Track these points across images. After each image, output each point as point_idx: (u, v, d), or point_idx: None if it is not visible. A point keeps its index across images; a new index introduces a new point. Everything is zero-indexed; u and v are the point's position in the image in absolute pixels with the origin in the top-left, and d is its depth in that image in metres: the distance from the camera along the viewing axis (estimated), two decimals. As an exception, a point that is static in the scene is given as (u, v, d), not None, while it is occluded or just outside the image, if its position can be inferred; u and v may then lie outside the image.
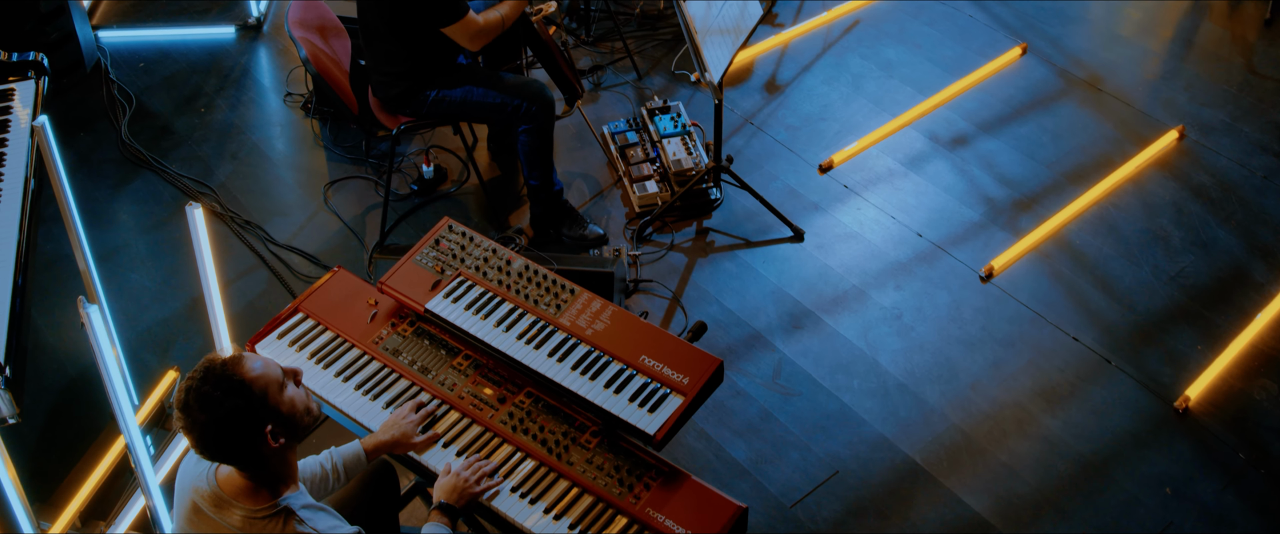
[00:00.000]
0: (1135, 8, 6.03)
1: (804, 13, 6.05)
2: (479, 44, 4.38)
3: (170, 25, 6.05)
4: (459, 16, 4.26)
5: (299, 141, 5.42)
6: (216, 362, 2.57)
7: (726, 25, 4.40)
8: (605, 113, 5.49)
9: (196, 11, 6.16)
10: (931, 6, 6.05)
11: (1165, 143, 5.21)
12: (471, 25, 4.32)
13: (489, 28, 4.38)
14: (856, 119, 5.41)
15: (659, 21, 5.99)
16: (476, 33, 4.34)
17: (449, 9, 4.23)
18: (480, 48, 4.42)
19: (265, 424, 2.56)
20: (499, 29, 4.42)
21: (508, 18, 4.45)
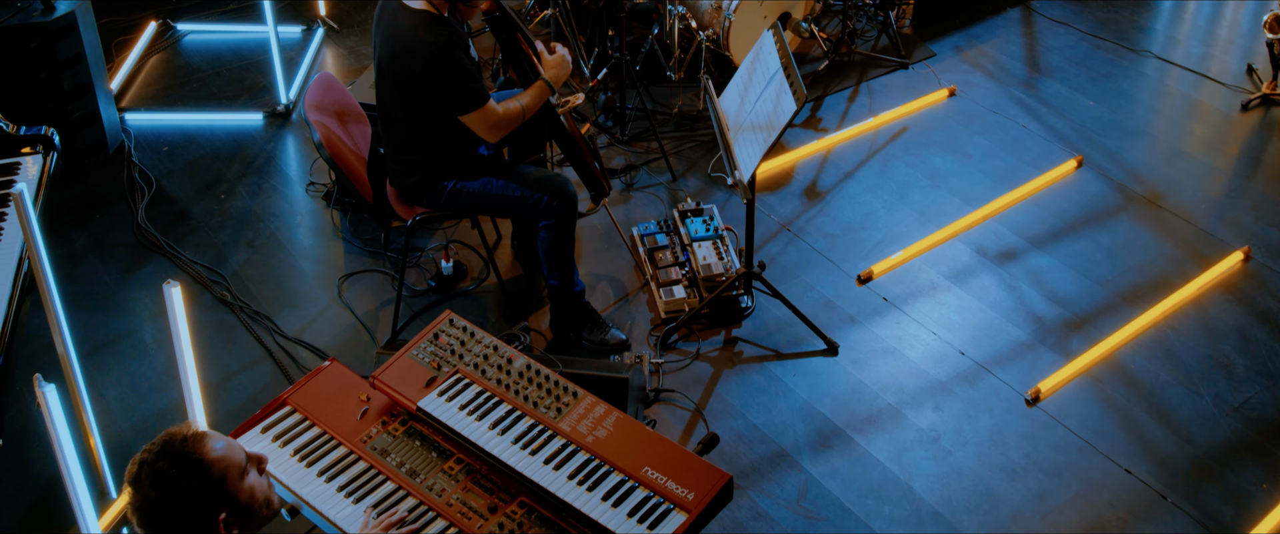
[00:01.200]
0: (1200, 123, 5.88)
1: (849, 117, 5.96)
2: (497, 135, 4.32)
3: (198, 110, 6.09)
4: (477, 105, 4.20)
5: (318, 232, 5.36)
6: (177, 436, 2.44)
7: (759, 121, 4.30)
8: (636, 214, 5.39)
9: (226, 97, 6.19)
10: (983, 116, 5.94)
11: (1229, 264, 5.01)
12: (490, 115, 4.26)
13: (508, 118, 4.31)
14: (899, 229, 5.27)
15: (697, 122, 5.92)
16: (495, 123, 4.28)
17: (468, 97, 4.18)
18: (499, 139, 4.35)
19: (220, 510, 2.42)
20: (518, 120, 4.35)
21: (528, 108, 4.39)
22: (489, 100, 4.24)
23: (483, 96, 4.22)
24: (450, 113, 4.21)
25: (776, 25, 4.40)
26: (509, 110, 4.32)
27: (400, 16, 4.18)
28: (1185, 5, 6.96)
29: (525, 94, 4.41)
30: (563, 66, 4.52)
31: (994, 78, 6.23)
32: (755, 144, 4.29)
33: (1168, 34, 6.61)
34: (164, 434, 2.46)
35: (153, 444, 2.44)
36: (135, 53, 6.44)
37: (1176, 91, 6.15)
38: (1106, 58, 6.40)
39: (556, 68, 4.48)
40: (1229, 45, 6.51)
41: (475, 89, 4.20)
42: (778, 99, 4.26)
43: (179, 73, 6.41)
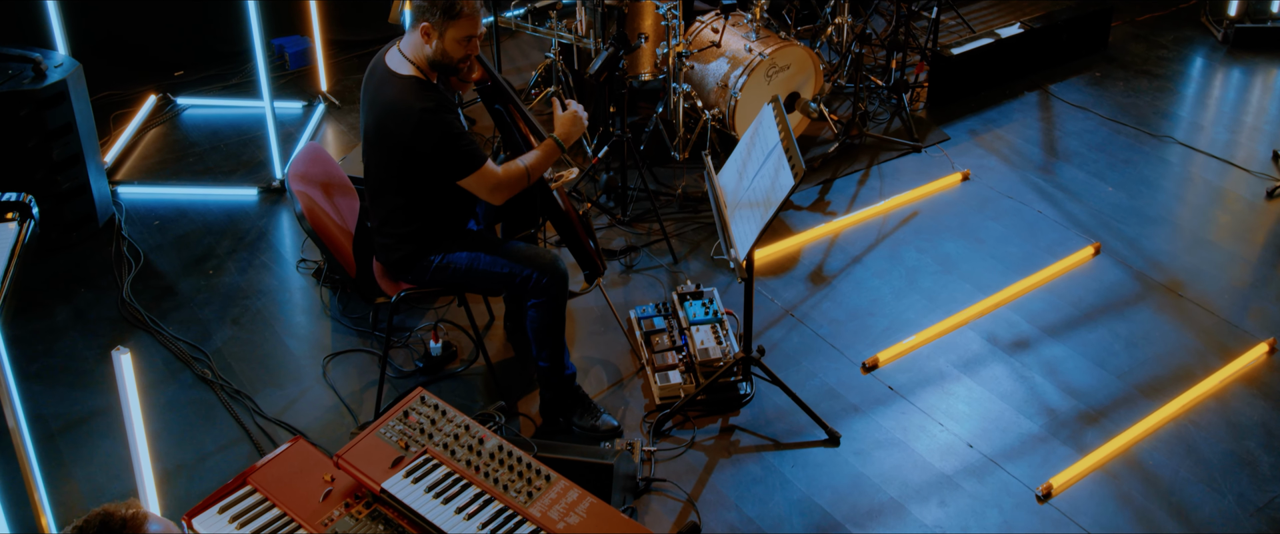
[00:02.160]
0: (1224, 211, 5.77)
1: (859, 201, 5.88)
2: (501, 197, 4.24)
3: (192, 184, 6.07)
4: (475, 166, 4.13)
5: (306, 310, 5.29)
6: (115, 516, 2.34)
7: (756, 198, 4.22)
8: (635, 297, 5.30)
9: (222, 172, 6.18)
10: (998, 201, 5.85)
11: (1254, 357, 4.86)
12: (490, 176, 4.18)
13: (511, 179, 4.24)
14: (908, 316, 5.15)
15: (701, 204, 5.85)
16: (497, 184, 4.21)
17: (464, 159, 4.11)
18: (503, 202, 4.27)
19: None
20: (523, 182, 4.27)
21: (534, 169, 4.30)
22: (486, 161, 4.17)
23: (479, 157, 4.16)
24: (448, 178, 4.15)
25: (776, 99, 4.34)
26: (511, 171, 4.25)
27: (387, 82, 4.14)
28: (1209, 91, 6.89)
29: (532, 154, 4.35)
30: (576, 124, 4.45)
31: (1009, 162, 6.15)
32: (752, 221, 4.20)
33: (1191, 120, 6.53)
34: (101, 509, 2.36)
35: (90, 517, 2.33)
36: (133, 126, 6.45)
37: (1199, 178, 6.05)
38: (1126, 143, 6.32)
39: (569, 125, 4.42)
40: (1255, 132, 6.42)
41: (470, 150, 4.14)
42: (776, 174, 4.18)
43: (176, 147, 6.41)
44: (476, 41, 4.19)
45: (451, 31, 4.08)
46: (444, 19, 4.05)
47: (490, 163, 4.19)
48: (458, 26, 4.08)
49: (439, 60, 4.13)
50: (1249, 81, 6.95)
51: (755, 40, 5.83)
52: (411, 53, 4.15)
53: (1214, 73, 7.06)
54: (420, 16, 4.08)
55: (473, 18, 4.10)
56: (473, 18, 4.10)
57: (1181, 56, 7.17)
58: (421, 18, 4.07)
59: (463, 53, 4.16)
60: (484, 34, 4.30)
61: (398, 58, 4.17)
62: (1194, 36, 7.38)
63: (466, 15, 4.08)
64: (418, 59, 4.14)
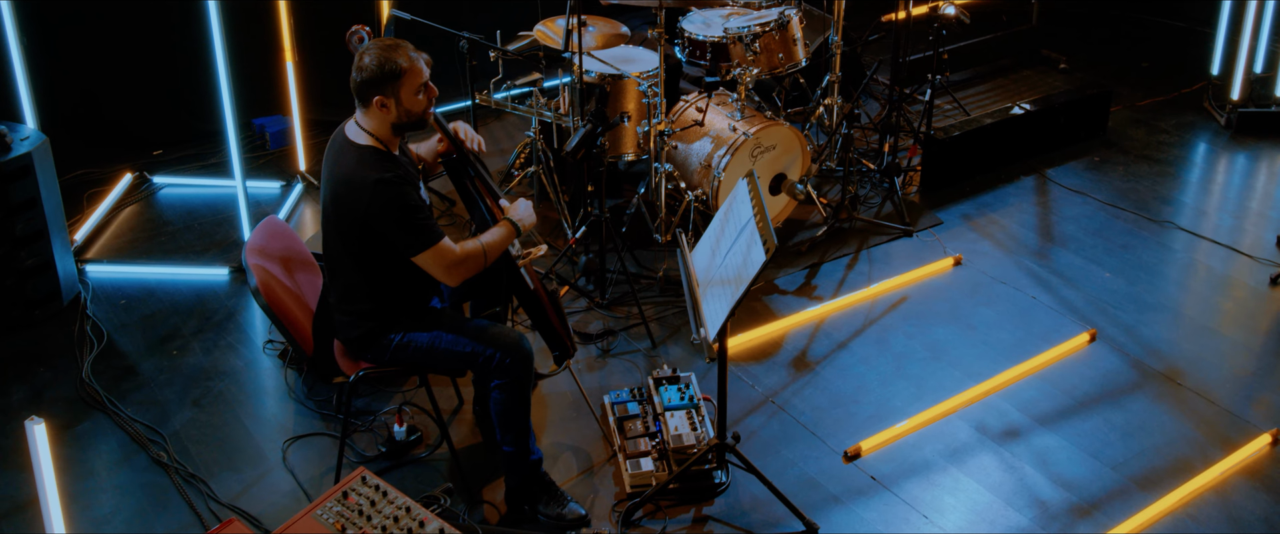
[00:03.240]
0: (1226, 297, 5.66)
1: (846, 286, 5.79)
2: (456, 277, 4.15)
3: (163, 263, 6.02)
4: (429, 243, 4.05)
5: (269, 392, 5.19)
6: None
7: (728, 275, 4.13)
8: (611, 382, 5.19)
9: (194, 251, 6.13)
10: (991, 286, 5.75)
11: (1255, 449, 4.72)
12: (447, 254, 4.10)
13: (468, 259, 4.15)
14: (894, 403, 5.02)
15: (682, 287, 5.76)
16: (453, 263, 4.12)
17: (418, 235, 4.04)
18: (460, 282, 4.18)
19: None
20: (480, 262, 4.19)
21: (490, 249, 4.22)
22: (442, 238, 4.09)
23: (435, 234, 4.08)
24: (402, 254, 4.07)
25: (751, 174, 4.28)
26: (468, 250, 4.16)
27: (345, 153, 4.10)
28: (1212, 176, 6.83)
29: (488, 233, 4.27)
30: (530, 213, 4.39)
31: (1003, 247, 6.06)
32: (723, 299, 4.11)
33: (1193, 205, 6.45)
34: None
35: None
36: (106, 204, 6.43)
37: (1201, 264, 5.95)
38: (1125, 228, 6.23)
39: (523, 213, 4.36)
40: (1259, 217, 6.33)
41: (426, 225, 4.06)
42: (748, 251, 4.10)
43: (149, 225, 6.38)
44: (432, 86, 4.15)
45: (404, 90, 4.05)
46: (391, 83, 4.02)
47: (447, 241, 4.11)
48: (406, 82, 4.05)
49: (404, 121, 4.10)
50: (1253, 166, 6.88)
51: (740, 119, 5.79)
52: (369, 125, 4.11)
53: (1217, 158, 7.00)
54: (369, 93, 4.04)
55: (413, 66, 4.06)
56: (413, 66, 4.06)
57: (1183, 141, 7.11)
58: (370, 93, 4.04)
59: (424, 103, 4.12)
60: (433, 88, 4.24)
61: (355, 129, 4.13)
62: (1197, 122, 7.33)
63: (407, 67, 4.04)
64: (376, 129, 4.10)
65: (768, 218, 4.05)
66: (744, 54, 5.93)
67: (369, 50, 4.03)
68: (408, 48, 4.07)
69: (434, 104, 4.20)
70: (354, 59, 4.07)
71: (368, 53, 4.03)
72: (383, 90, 4.02)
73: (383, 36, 5.37)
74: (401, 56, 4.04)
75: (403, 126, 4.12)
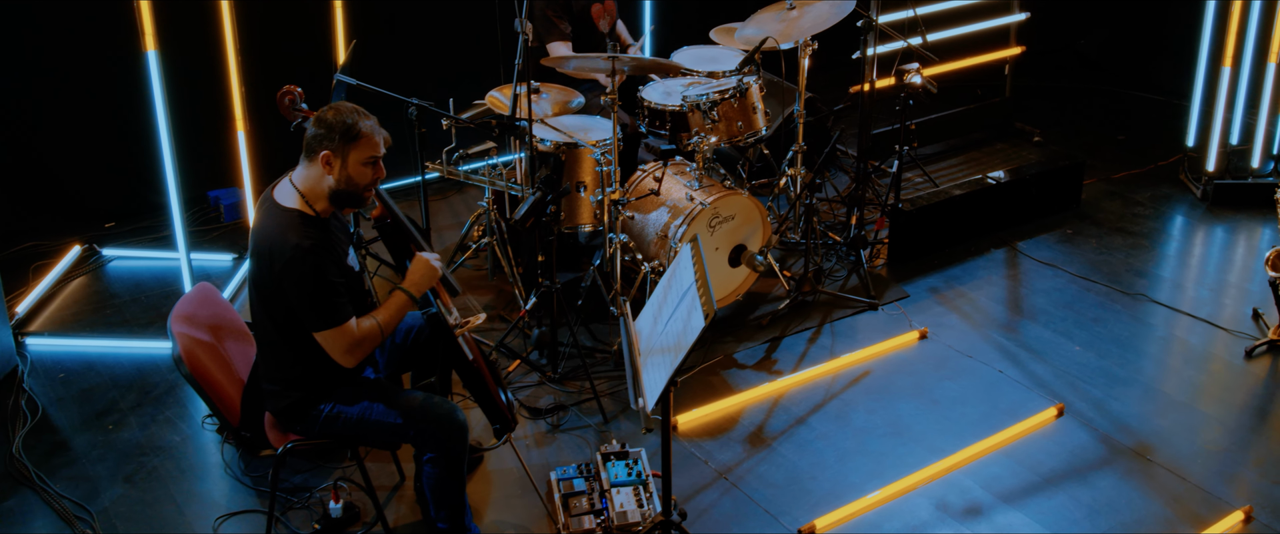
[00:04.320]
0: (1201, 371, 5.56)
1: (807, 360, 5.68)
2: (353, 360, 4.03)
3: (106, 336, 5.92)
4: (333, 323, 3.96)
5: (205, 468, 5.07)
6: None
7: (669, 342, 4.03)
8: (559, 458, 5.07)
9: (139, 324, 6.04)
10: (956, 360, 5.65)
11: (1229, 525, 4.61)
12: (347, 336, 3.99)
13: (366, 339, 4.04)
14: (852, 479, 4.90)
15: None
16: (352, 345, 4.01)
17: (322, 312, 3.94)
18: (355, 365, 4.06)
19: None
20: (377, 340, 4.09)
21: (386, 325, 4.11)
22: (348, 320, 3.99)
23: (341, 314, 3.97)
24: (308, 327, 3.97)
25: (695, 239, 4.20)
26: (365, 330, 4.05)
27: (270, 216, 4.03)
28: (1187, 248, 6.76)
29: (382, 308, 4.16)
30: (427, 273, 4.25)
31: (971, 320, 5.96)
32: (663, 368, 4.01)
33: (1167, 278, 6.36)
34: None
35: None
36: (51, 277, 6.35)
37: (1175, 337, 5.85)
38: (1097, 301, 6.13)
39: (420, 274, 4.23)
40: (1234, 290, 6.25)
41: (333, 304, 3.96)
42: (688, 317, 4.00)
43: (95, 298, 6.29)
44: (381, 164, 4.09)
45: (353, 155, 3.99)
46: (344, 143, 3.97)
47: (352, 323, 4.01)
48: (359, 149, 3.99)
49: (344, 188, 4.03)
50: (1229, 238, 6.81)
51: (698, 188, 5.73)
52: (304, 185, 4.04)
53: (1192, 230, 6.93)
54: (318, 145, 3.98)
55: (371, 137, 4.01)
56: (371, 137, 4.01)
57: (1158, 214, 7.04)
58: (319, 146, 3.98)
59: (369, 177, 4.06)
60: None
61: (287, 189, 4.06)
62: (1172, 194, 7.28)
63: (365, 135, 3.99)
64: (310, 191, 4.03)
65: (709, 284, 3.96)
66: (703, 122, 5.88)
67: (334, 108, 4.00)
68: (373, 119, 4.04)
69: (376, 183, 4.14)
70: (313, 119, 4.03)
71: (333, 110, 3.99)
72: (333, 146, 3.96)
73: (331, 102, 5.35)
74: (363, 123, 4.00)
75: (341, 195, 4.05)
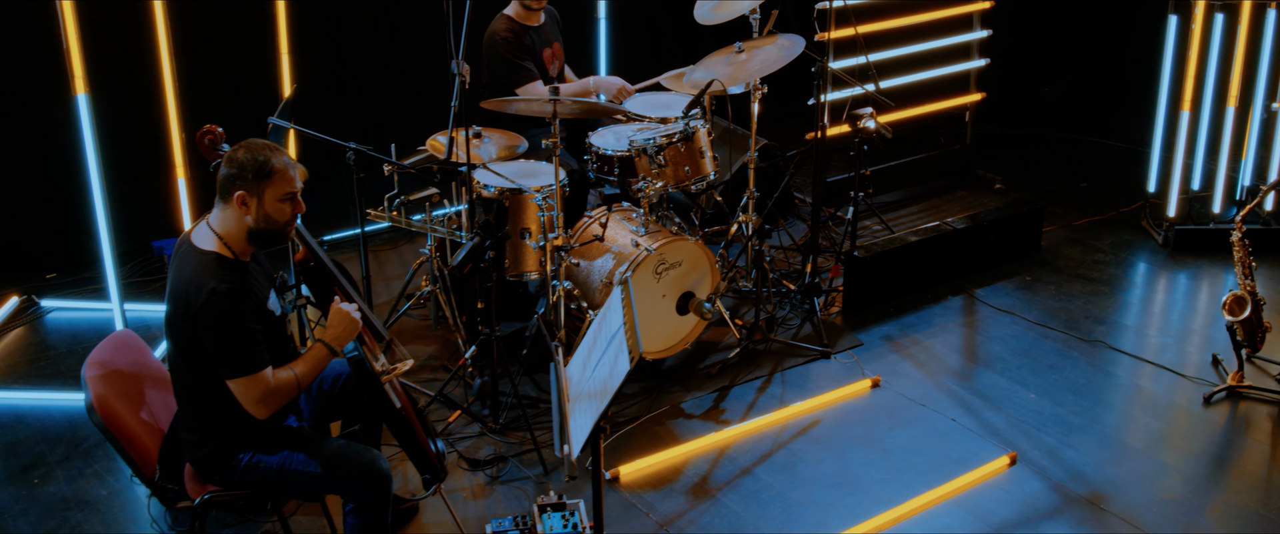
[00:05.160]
0: (1156, 418, 5.49)
1: (756, 409, 5.60)
2: (266, 410, 3.94)
3: (37, 389, 5.82)
4: (246, 371, 3.87)
5: (131, 523, 4.96)
6: None
7: (595, 387, 3.96)
8: (497, 510, 4.96)
9: (73, 377, 5.92)
10: (908, 409, 5.57)
11: (1179, 576, 4.50)
12: (261, 385, 3.90)
13: (280, 391, 3.95)
14: (798, 530, 4.80)
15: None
16: (265, 395, 3.92)
17: (237, 359, 3.86)
18: (267, 416, 3.97)
19: None
20: (292, 393, 4.00)
21: (304, 377, 4.02)
22: (264, 369, 3.91)
23: (255, 362, 3.89)
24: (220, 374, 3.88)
25: (625, 281, 4.13)
26: (280, 381, 3.96)
27: (187, 259, 3.96)
28: (1147, 294, 6.72)
29: (299, 361, 4.08)
30: (345, 325, 4.17)
31: (924, 368, 5.89)
32: (589, 413, 3.93)
33: (1126, 324, 6.30)
34: None
35: None
36: (-14, 329, 6.28)
37: (1132, 384, 5.78)
38: (1054, 348, 6.07)
39: (340, 326, 4.15)
40: (1194, 336, 6.19)
41: (248, 351, 3.88)
42: (615, 361, 3.93)
43: (31, 350, 6.19)
44: (300, 200, 4.03)
45: (269, 192, 3.93)
46: (258, 181, 3.91)
47: (268, 372, 3.93)
48: (274, 185, 3.93)
49: (262, 227, 3.97)
50: (1189, 284, 6.77)
51: (644, 234, 5.67)
52: (221, 227, 3.98)
53: (1153, 276, 6.89)
54: (232, 186, 3.92)
55: (285, 172, 3.95)
56: (285, 172, 3.95)
57: (1119, 260, 7.00)
58: (233, 187, 3.92)
59: (287, 214, 4.00)
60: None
61: (204, 232, 3.99)
62: (1134, 240, 7.24)
63: (279, 171, 3.93)
64: (228, 233, 3.97)
65: (636, 326, 3.90)
66: (650, 167, 5.84)
67: (245, 146, 3.94)
68: (286, 155, 3.99)
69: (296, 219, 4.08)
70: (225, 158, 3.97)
71: (243, 148, 3.93)
72: (248, 186, 3.90)
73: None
74: (276, 158, 3.94)
75: (260, 234, 3.99)
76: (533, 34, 6.23)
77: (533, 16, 6.23)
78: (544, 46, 6.29)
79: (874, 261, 6.41)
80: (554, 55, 6.36)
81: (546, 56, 6.29)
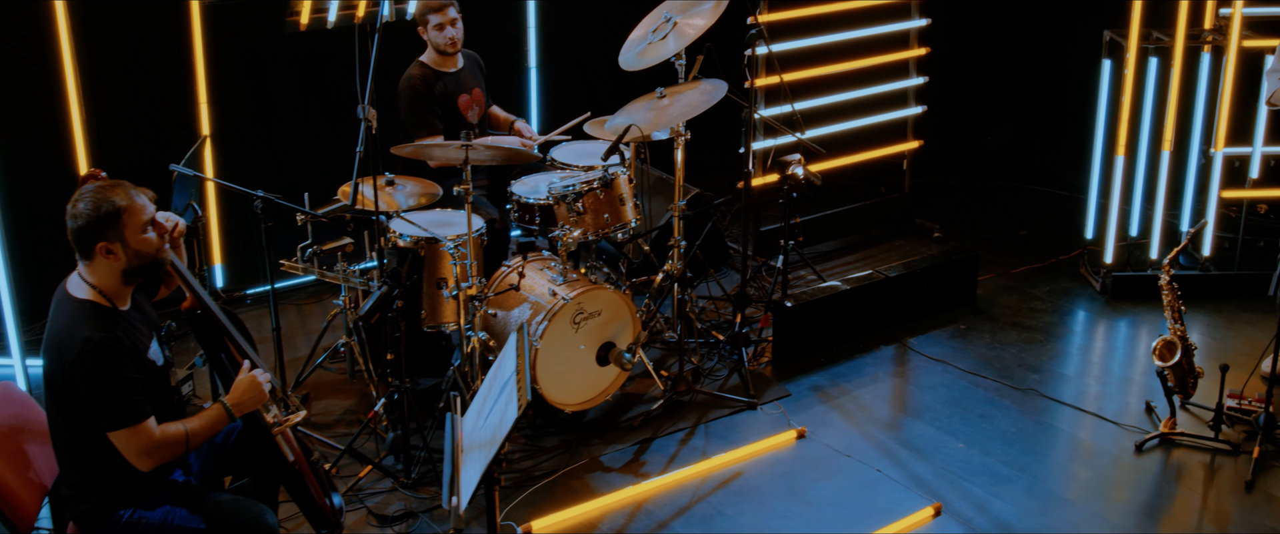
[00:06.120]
0: (1086, 467, 5.45)
1: (677, 461, 5.52)
2: (149, 463, 3.85)
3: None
4: (128, 422, 3.79)
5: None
6: None
7: (486, 437, 3.89)
8: (405, 568, 4.87)
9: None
10: (833, 460, 5.51)
11: (1100, 628, 4.43)
12: (145, 437, 3.82)
13: (167, 444, 3.87)
14: (712, 586, 4.72)
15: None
16: (148, 448, 3.83)
17: (117, 410, 3.78)
18: (151, 469, 3.88)
19: None
20: (179, 448, 3.91)
21: (195, 434, 3.94)
22: (146, 419, 3.82)
23: (135, 413, 3.81)
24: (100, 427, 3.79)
25: (522, 328, 4.08)
26: (168, 435, 3.88)
27: (62, 307, 3.90)
28: (1082, 342, 6.70)
29: (195, 418, 3.99)
30: (251, 392, 4.10)
31: (852, 419, 5.83)
32: (478, 464, 3.85)
33: (1059, 372, 6.26)
34: None
35: None
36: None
37: (1062, 432, 5.73)
38: (985, 397, 6.02)
39: (244, 392, 4.08)
40: (1127, 383, 6.17)
41: (128, 402, 3.80)
42: (505, 409, 3.87)
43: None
44: (161, 222, 3.95)
45: (128, 231, 3.86)
46: (111, 226, 3.83)
47: (150, 422, 3.84)
48: (129, 222, 3.86)
49: (136, 264, 3.90)
50: (1125, 331, 6.75)
51: (561, 283, 5.61)
52: (93, 277, 3.91)
53: (1089, 323, 6.87)
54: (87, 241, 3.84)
55: (133, 203, 3.87)
56: (133, 203, 3.87)
57: (1056, 308, 6.98)
58: (90, 241, 3.84)
59: (156, 241, 3.92)
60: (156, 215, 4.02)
61: (78, 280, 3.92)
62: (1072, 287, 7.23)
63: (126, 205, 3.85)
64: (102, 282, 3.89)
65: (527, 373, 3.84)
66: (568, 215, 5.79)
67: (82, 196, 3.84)
68: (126, 186, 3.91)
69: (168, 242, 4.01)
70: None
71: (81, 199, 3.84)
72: (105, 235, 3.82)
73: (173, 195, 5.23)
74: (118, 195, 3.86)
75: (135, 272, 3.92)
76: (448, 80, 6.19)
77: (448, 62, 6.19)
78: (460, 93, 6.24)
79: (804, 311, 6.38)
80: (473, 101, 6.32)
81: (463, 103, 6.25)
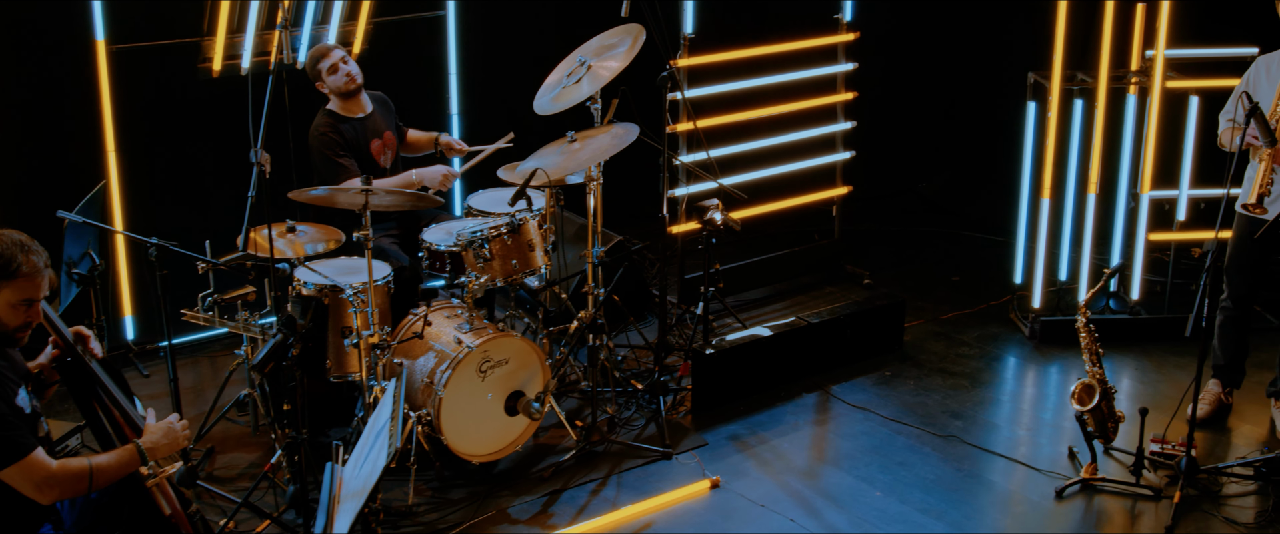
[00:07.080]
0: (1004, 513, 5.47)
1: (586, 513, 5.43)
2: (49, 496, 3.80)
3: None
4: (13, 457, 3.71)
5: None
6: None
7: (358, 487, 3.81)
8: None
9: None
10: (747, 510, 5.44)
11: None
12: (37, 469, 3.75)
13: (67, 477, 3.80)
14: (613, 641, 4.62)
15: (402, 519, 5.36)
16: (45, 480, 3.77)
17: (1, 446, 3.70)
18: (53, 502, 3.81)
19: None
20: (81, 483, 3.83)
21: (100, 470, 3.88)
22: (32, 451, 3.75)
23: (20, 446, 3.74)
24: None
25: (400, 374, 4.02)
26: (69, 468, 3.81)
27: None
28: (1008, 387, 6.65)
29: (106, 456, 3.93)
30: (167, 436, 4.06)
31: (768, 467, 5.76)
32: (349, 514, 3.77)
33: (984, 418, 6.21)
34: None
35: None
36: None
37: (983, 479, 5.67)
38: (906, 444, 5.96)
39: (160, 436, 4.02)
40: (1052, 428, 6.12)
41: (9, 437, 3.73)
42: (377, 457, 3.80)
43: None
44: (38, 307, 3.88)
45: (7, 292, 3.79)
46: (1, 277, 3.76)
47: (39, 454, 3.76)
48: (15, 287, 3.80)
49: None
50: (1052, 376, 6.72)
51: (467, 331, 5.54)
52: (-36, 316, 3.83)
53: (1017, 368, 6.84)
54: None
55: (32, 277, 3.82)
56: (32, 277, 3.82)
57: (984, 354, 6.94)
58: None
59: (20, 319, 3.86)
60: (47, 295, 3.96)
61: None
62: (1001, 333, 7.20)
63: (25, 275, 3.80)
64: (-30, 321, 3.82)
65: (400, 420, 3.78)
66: (475, 261, 5.73)
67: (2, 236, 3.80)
68: (43, 258, 3.84)
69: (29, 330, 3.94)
70: None
71: None
72: None
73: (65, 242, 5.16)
74: (25, 259, 3.79)
75: None
76: (356, 126, 6.13)
77: (354, 106, 6.14)
78: (372, 137, 6.19)
79: (724, 358, 6.32)
80: (385, 145, 6.26)
81: (375, 148, 6.19)
